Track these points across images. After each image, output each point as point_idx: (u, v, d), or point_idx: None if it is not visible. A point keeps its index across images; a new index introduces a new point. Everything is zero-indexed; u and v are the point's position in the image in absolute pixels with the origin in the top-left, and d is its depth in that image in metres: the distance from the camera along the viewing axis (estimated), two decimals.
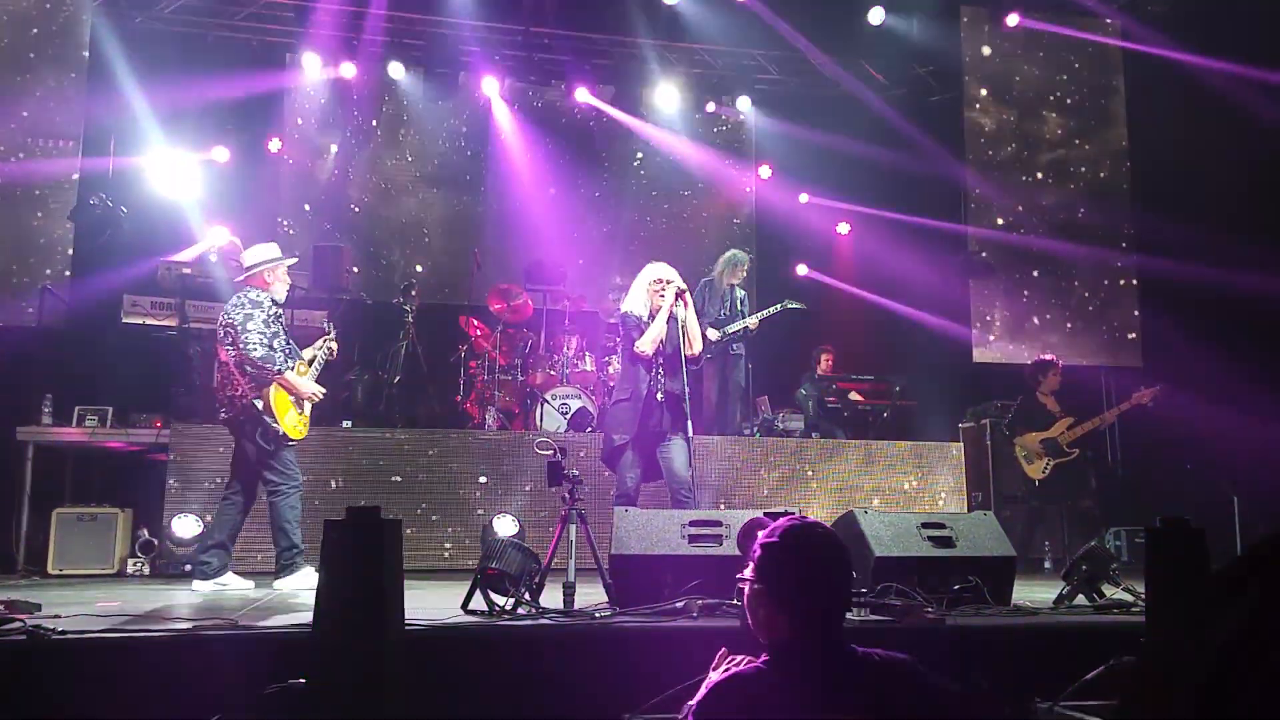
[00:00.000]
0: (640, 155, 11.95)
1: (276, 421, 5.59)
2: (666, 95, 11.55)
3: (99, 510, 7.06)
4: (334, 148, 11.14)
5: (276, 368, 5.58)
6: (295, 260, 6.14)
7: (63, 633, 3.49)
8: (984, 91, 10.64)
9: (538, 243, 10.98)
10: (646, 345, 5.70)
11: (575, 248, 11.27)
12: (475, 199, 11.53)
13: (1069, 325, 10.31)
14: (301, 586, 5.55)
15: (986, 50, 10.68)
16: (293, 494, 5.69)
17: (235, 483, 5.80)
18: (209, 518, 6.87)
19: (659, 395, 5.70)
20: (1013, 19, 10.49)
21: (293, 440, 5.74)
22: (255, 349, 5.50)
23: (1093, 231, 10.49)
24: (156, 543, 6.87)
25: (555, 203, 11.46)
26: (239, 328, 5.52)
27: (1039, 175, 10.59)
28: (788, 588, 2.06)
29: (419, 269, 11.04)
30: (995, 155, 10.57)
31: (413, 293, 9.02)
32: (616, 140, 11.90)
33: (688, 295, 5.80)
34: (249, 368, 5.52)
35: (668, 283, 5.81)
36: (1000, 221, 10.44)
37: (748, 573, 2.17)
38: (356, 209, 11.12)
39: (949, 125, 10.77)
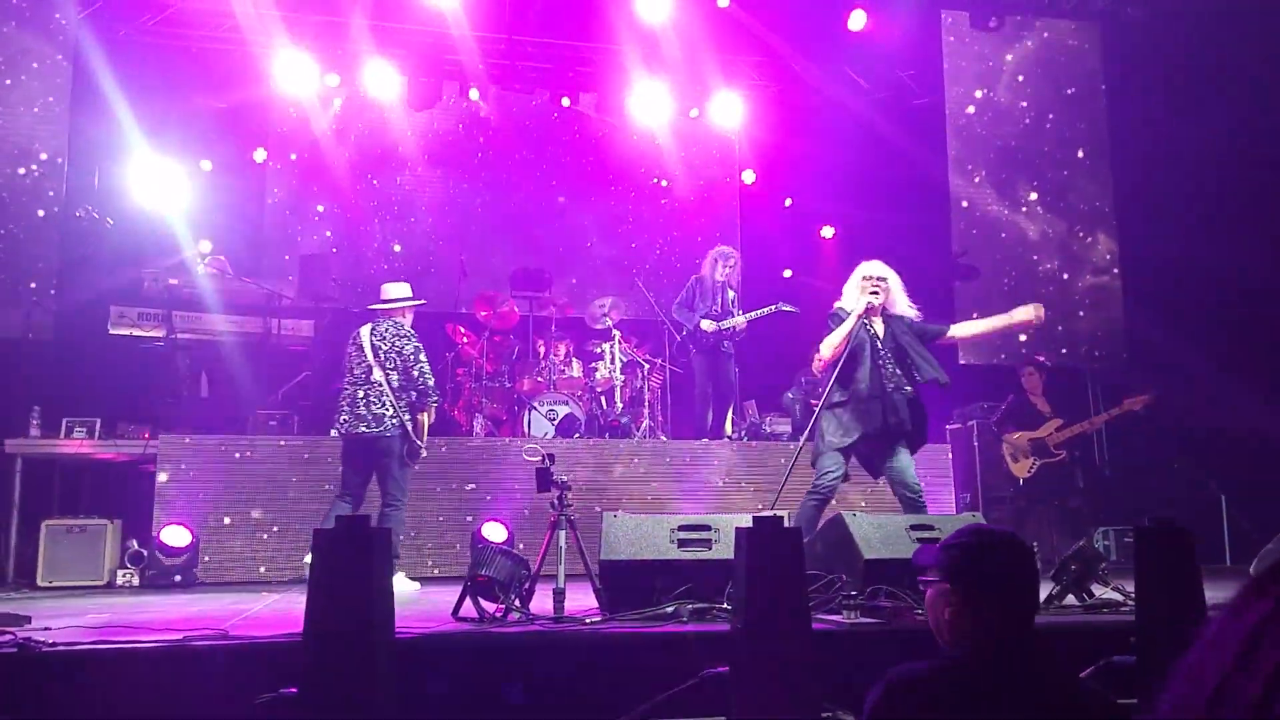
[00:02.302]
0: (625, 160, 11.98)
1: (421, 441, 6.06)
2: (649, 101, 11.57)
3: (88, 522, 7.04)
4: (317, 156, 11.12)
5: (435, 398, 6.22)
6: (423, 303, 6.62)
7: (53, 645, 3.49)
8: (966, 94, 10.71)
9: (523, 249, 11.01)
10: (826, 349, 5.53)
11: (560, 254, 11.30)
12: (460, 206, 11.54)
13: (1055, 327, 10.38)
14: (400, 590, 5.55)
15: (968, 53, 10.76)
16: (403, 509, 6.09)
17: (349, 493, 6.09)
18: (199, 529, 6.90)
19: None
20: (993, 22, 10.57)
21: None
22: (430, 378, 6.07)
23: (1076, 232, 10.58)
24: (146, 554, 6.85)
25: (539, 209, 11.48)
26: (411, 356, 5.99)
27: (1021, 178, 10.67)
28: (976, 591, 2.06)
29: (403, 277, 11.01)
30: (978, 158, 10.64)
31: None
32: (600, 147, 11.92)
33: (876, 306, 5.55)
34: (413, 392, 5.99)
35: (879, 279, 5.59)
36: (984, 223, 10.51)
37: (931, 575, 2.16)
38: (341, 218, 11.10)
39: (932, 128, 10.84)
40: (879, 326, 5.58)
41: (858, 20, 10.48)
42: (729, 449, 8.17)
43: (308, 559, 5.53)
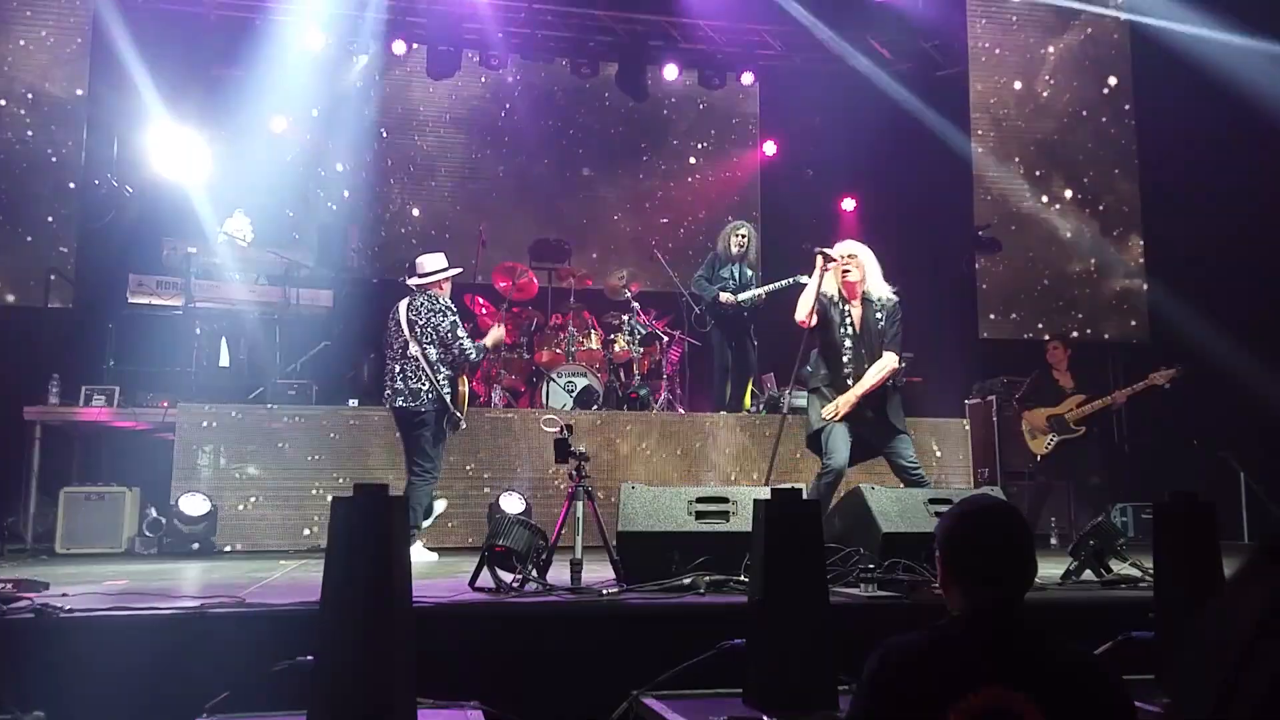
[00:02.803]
0: (645, 132, 11.89)
1: (461, 413, 6.15)
2: (670, 71, 11.47)
3: (106, 489, 7.08)
4: (337, 126, 11.09)
5: (478, 358, 6.41)
6: (460, 271, 6.65)
7: (70, 611, 3.50)
8: (990, 66, 10.55)
9: (543, 220, 10.95)
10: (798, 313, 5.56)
11: (580, 225, 11.24)
12: (480, 176, 11.49)
13: (1077, 301, 10.27)
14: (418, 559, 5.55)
15: (992, 25, 10.59)
16: (433, 482, 6.16)
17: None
18: (217, 497, 6.93)
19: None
20: None
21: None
22: (470, 349, 6.16)
23: (1100, 207, 10.44)
24: (164, 521, 6.88)
25: (559, 180, 11.42)
26: (447, 331, 6.09)
27: (1046, 150, 10.51)
28: (959, 559, 2.07)
29: (422, 247, 10.99)
30: (1002, 130, 10.49)
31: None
32: (620, 117, 11.83)
33: (833, 260, 5.47)
34: (450, 365, 6.11)
35: (849, 256, 5.51)
36: (1007, 196, 10.38)
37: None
38: (361, 187, 11.07)
39: (955, 100, 10.67)
40: (855, 310, 5.50)
41: None
42: (747, 421, 8.14)
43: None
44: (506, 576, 4.28)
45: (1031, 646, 1.93)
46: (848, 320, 5.46)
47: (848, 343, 5.43)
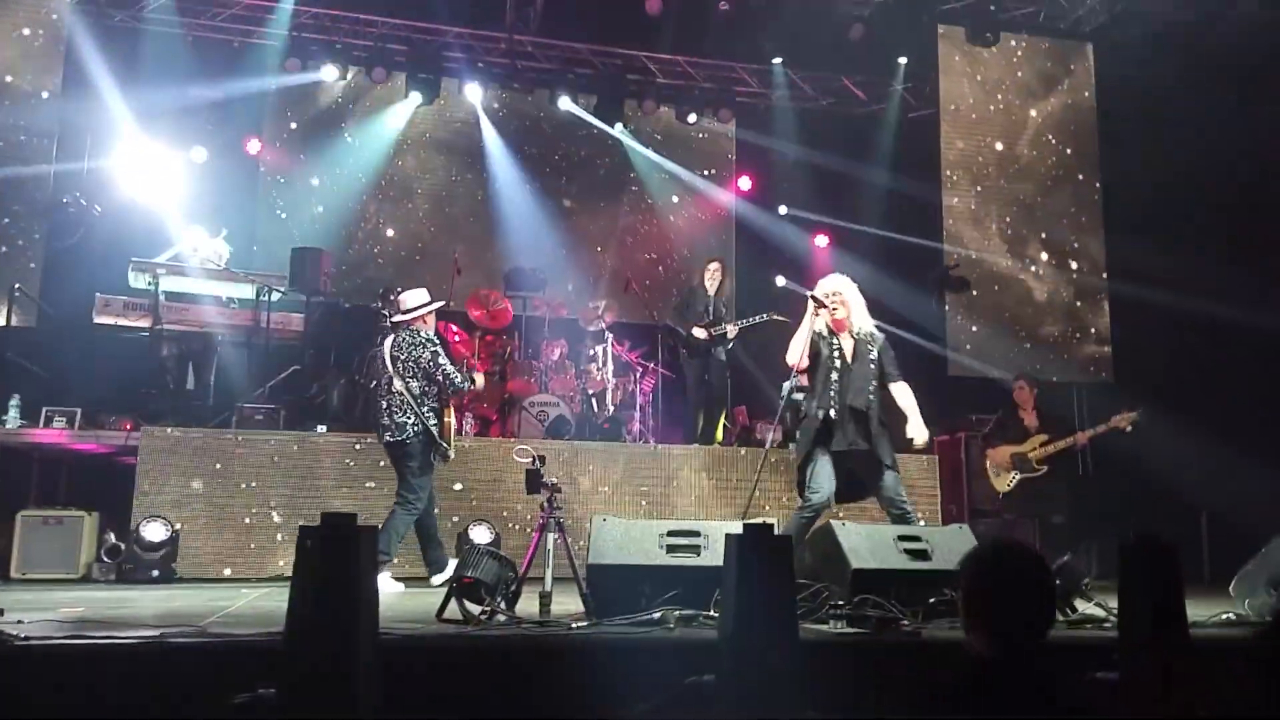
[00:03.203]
0: (621, 164, 11.95)
1: (448, 444, 6.23)
2: (648, 105, 11.56)
3: (65, 513, 6.94)
4: (313, 151, 11.07)
5: (466, 387, 6.43)
6: (442, 304, 6.75)
7: (26, 639, 3.42)
8: (961, 109, 10.72)
9: (518, 249, 10.96)
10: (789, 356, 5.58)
11: (555, 255, 11.24)
12: (456, 204, 11.49)
13: (1043, 341, 10.39)
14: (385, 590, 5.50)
15: (963, 69, 10.78)
16: (414, 512, 6.16)
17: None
18: (179, 523, 6.81)
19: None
20: (988, 36, 10.60)
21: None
22: (456, 376, 6.21)
23: (1066, 249, 10.61)
24: (124, 547, 6.75)
25: (536, 210, 11.44)
26: (429, 362, 6.15)
27: (1014, 193, 10.68)
28: (980, 603, 2.08)
29: (396, 273, 10.94)
30: (971, 171, 10.65)
31: (391, 297, 8.93)
32: (598, 150, 11.89)
33: (824, 306, 5.54)
34: (435, 398, 6.18)
35: (834, 294, 5.60)
36: (975, 237, 10.51)
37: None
38: (335, 211, 11.02)
39: (927, 141, 10.85)
40: (846, 344, 5.55)
41: (856, 32, 10.49)
42: (719, 455, 8.13)
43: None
44: (475, 608, 4.24)
45: (1045, 684, 1.94)
46: (836, 353, 5.52)
47: (834, 375, 5.47)
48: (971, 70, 10.78)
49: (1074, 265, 10.58)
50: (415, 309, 6.35)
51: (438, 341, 6.37)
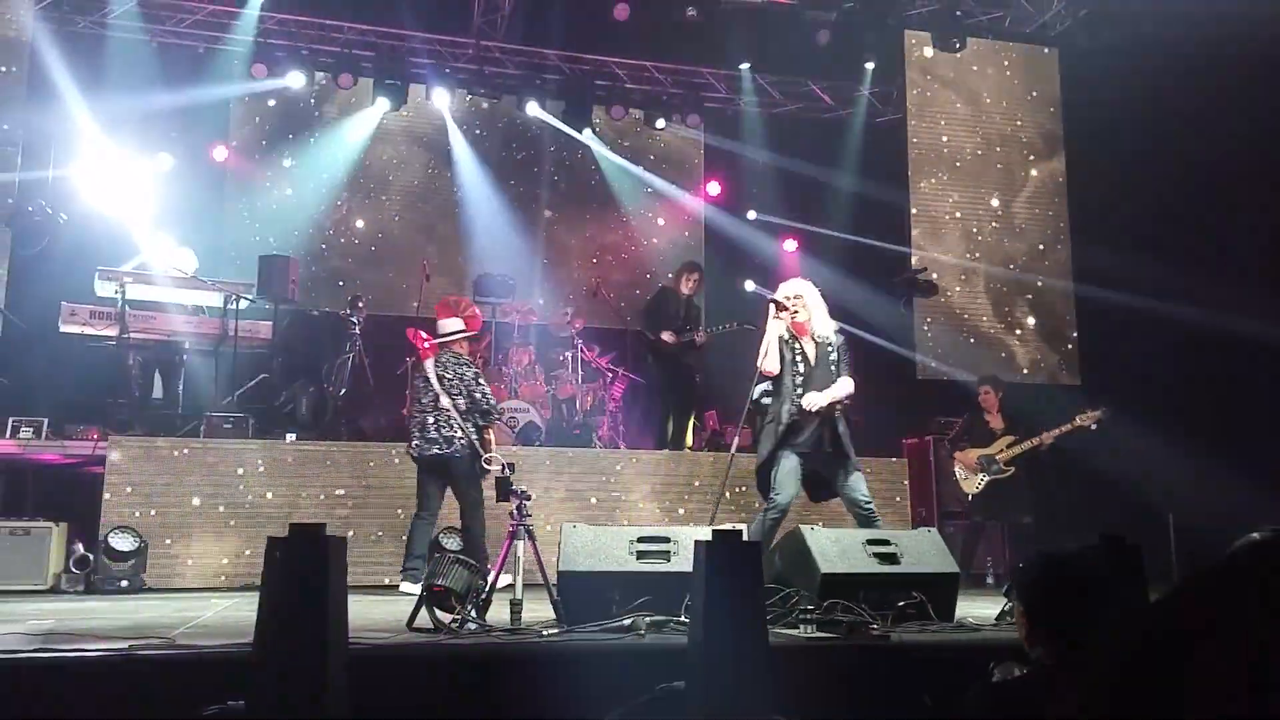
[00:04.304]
0: (589, 170, 11.98)
1: (488, 456, 6.33)
2: (616, 111, 11.60)
3: (31, 524, 6.85)
4: (280, 157, 11.02)
5: (498, 415, 6.89)
6: (474, 334, 7.09)
7: None
8: (927, 114, 10.83)
9: (487, 255, 10.95)
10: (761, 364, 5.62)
11: (525, 261, 11.25)
12: (424, 210, 11.47)
13: (1010, 344, 10.52)
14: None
15: (930, 74, 10.90)
16: (481, 515, 6.46)
17: (427, 509, 6.51)
18: (147, 533, 6.76)
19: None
20: (955, 43, 10.71)
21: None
22: (492, 399, 6.63)
23: (1033, 252, 10.74)
24: (92, 558, 6.69)
25: (505, 216, 11.44)
26: (471, 384, 6.53)
27: (980, 197, 10.80)
28: (1039, 611, 2.17)
29: (365, 280, 10.91)
30: (937, 176, 10.76)
31: (359, 304, 8.92)
32: (566, 155, 11.91)
33: (785, 309, 5.58)
34: (478, 414, 6.49)
35: (795, 297, 5.65)
36: (942, 241, 10.63)
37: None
38: (302, 218, 10.96)
39: (894, 146, 10.95)
40: (809, 346, 5.62)
41: (823, 37, 10.58)
42: (688, 459, 8.17)
43: (404, 586, 6.04)
44: (446, 617, 4.24)
45: None
46: (799, 356, 5.58)
47: (799, 378, 5.53)
48: (938, 75, 10.90)
49: (1040, 268, 10.72)
50: (451, 334, 6.73)
51: (476, 366, 6.79)
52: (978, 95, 10.96)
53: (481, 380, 6.63)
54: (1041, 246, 10.78)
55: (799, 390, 5.51)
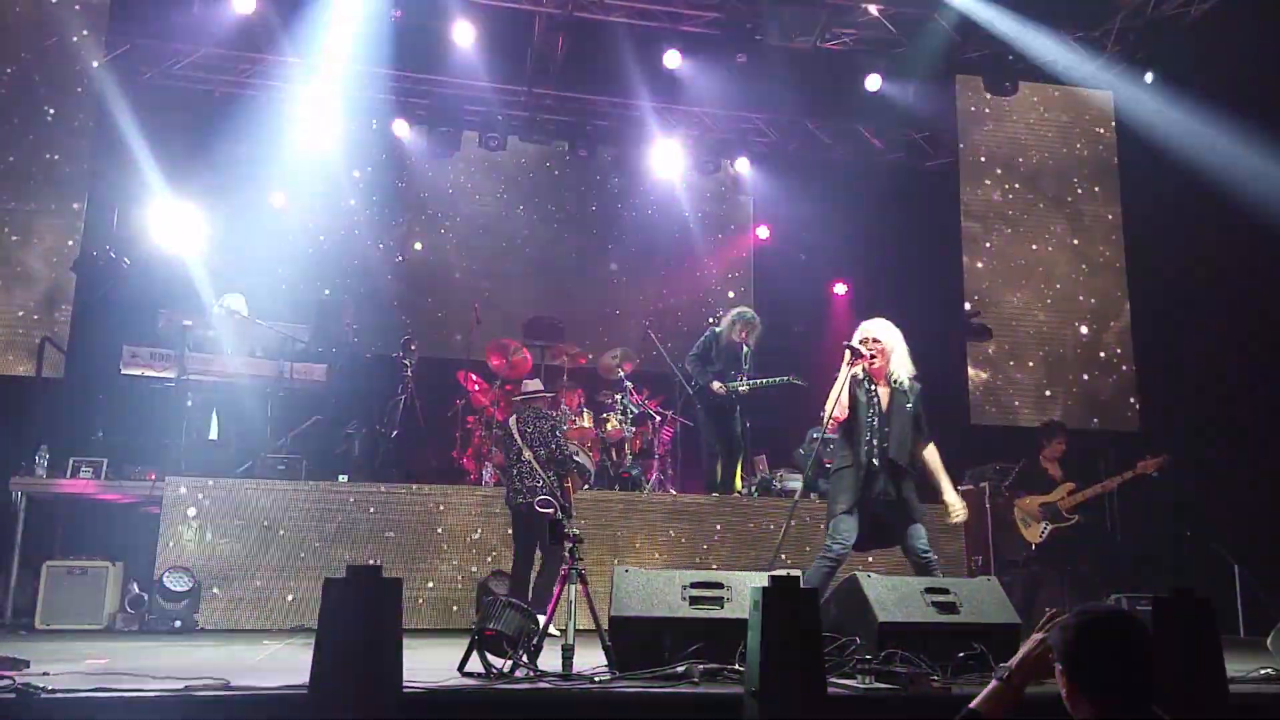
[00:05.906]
0: (641, 215, 12.06)
1: (570, 504, 6.78)
2: (666, 156, 11.69)
3: (89, 564, 6.96)
4: (337, 202, 11.23)
5: (574, 465, 7.34)
6: (553, 395, 7.98)
7: (53, 691, 3.42)
8: (979, 158, 10.77)
9: (538, 298, 11.04)
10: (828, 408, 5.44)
11: (576, 305, 11.31)
12: (477, 253, 11.61)
13: (1066, 389, 10.34)
14: None
15: (981, 118, 10.85)
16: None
17: (520, 553, 6.84)
18: (201, 573, 6.82)
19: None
20: (1007, 86, 10.66)
21: None
22: (568, 448, 7.24)
23: (1089, 297, 10.58)
24: (146, 597, 6.76)
25: (556, 259, 11.54)
26: (548, 435, 7.00)
27: (1034, 241, 10.68)
28: (1082, 671, 2.11)
29: (414, 321, 11.02)
30: (990, 220, 10.66)
31: (412, 346, 9.00)
32: (617, 200, 12.02)
33: (861, 357, 5.40)
34: (556, 466, 6.92)
35: (874, 341, 5.47)
36: (996, 285, 10.51)
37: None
38: (358, 263, 11.16)
39: (945, 190, 10.90)
40: (883, 393, 5.45)
41: (873, 82, 10.60)
42: (739, 504, 8.09)
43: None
44: (497, 661, 4.21)
45: None
46: (875, 401, 5.40)
47: (875, 423, 5.37)
48: (990, 119, 10.85)
49: (1097, 312, 10.54)
50: (532, 393, 7.32)
51: (555, 418, 7.31)
52: (1030, 138, 10.88)
53: (559, 431, 7.10)
54: (1099, 289, 10.61)
55: (875, 439, 5.33)
